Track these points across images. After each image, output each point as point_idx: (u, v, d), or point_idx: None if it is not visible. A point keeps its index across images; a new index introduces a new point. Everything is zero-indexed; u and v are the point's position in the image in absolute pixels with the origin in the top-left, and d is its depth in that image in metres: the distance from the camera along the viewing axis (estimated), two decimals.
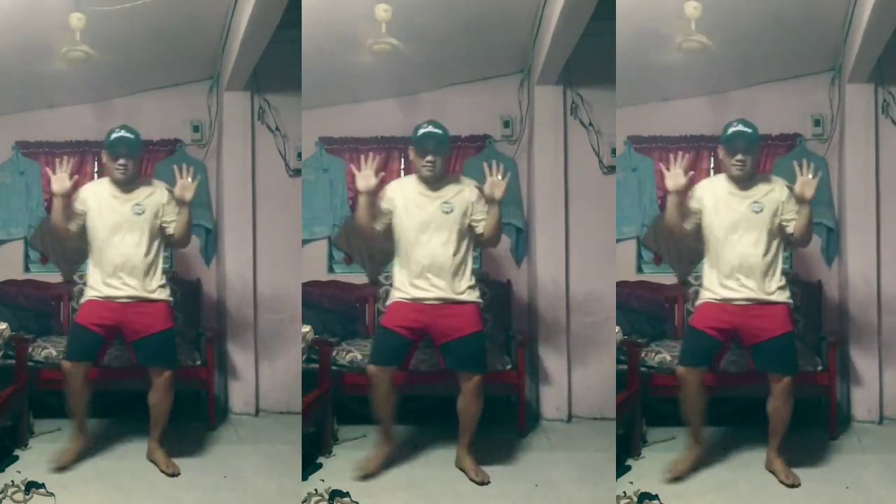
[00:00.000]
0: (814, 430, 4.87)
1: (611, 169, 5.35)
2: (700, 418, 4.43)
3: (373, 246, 5.20)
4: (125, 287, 4.45)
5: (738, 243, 4.29)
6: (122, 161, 4.43)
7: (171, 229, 4.52)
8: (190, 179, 4.45)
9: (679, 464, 4.42)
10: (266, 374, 5.51)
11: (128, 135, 4.48)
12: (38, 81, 5.32)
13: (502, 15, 5.07)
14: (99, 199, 4.49)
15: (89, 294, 4.52)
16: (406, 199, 4.43)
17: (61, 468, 4.46)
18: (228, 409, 5.45)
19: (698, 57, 4.83)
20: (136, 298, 4.46)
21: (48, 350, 5.10)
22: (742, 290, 4.30)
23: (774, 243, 4.33)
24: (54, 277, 5.59)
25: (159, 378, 4.49)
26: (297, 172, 5.45)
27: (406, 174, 5.57)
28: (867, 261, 5.26)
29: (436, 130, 4.42)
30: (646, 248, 5.58)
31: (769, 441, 4.42)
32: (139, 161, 4.56)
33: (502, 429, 4.99)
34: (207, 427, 5.13)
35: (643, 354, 4.92)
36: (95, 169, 5.62)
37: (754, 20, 4.88)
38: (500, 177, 4.39)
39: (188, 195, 4.45)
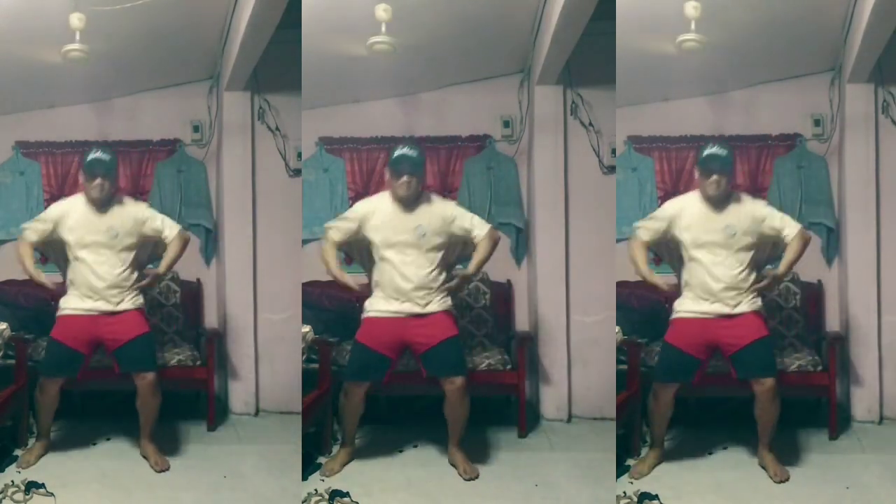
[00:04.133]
0: (814, 430, 4.87)
1: (611, 169, 5.34)
2: (665, 426, 4.56)
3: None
4: (95, 303, 4.52)
5: (710, 264, 4.36)
6: (98, 181, 4.50)
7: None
8: None
9: (641, 466, 4.52)
10: (266, 374, 5.51)
11: (104, 156, 4.55)
12: (38, 81, 5.32)
13: (502, 15, 5.07)
14: (74, 218, 4.55)
15: (63, 308, 4.58)
16: (382, 220, 4.48)
17: (27, 467, 4.53)
18: (228, 409, 5.45)
19: (698, 57, 4.82)
20: (105, 312, 4.53)
21: None
22: (713, 306, 4.37)
23: (747, 263, 4.38)
24: (54, 277, 5.58)
25: (143, 382, 4.54)
26: (297, 172, 5.45)
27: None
28: (867, 261, 5.25)
29: (410, 153, 4.46)
30: None
31: (759, 439, 4.48)
32: (115, 181, 4.62)
33: (502, 429, 4.99)
34: (207, 427, 5.13)
35: (643, 354, 4.92)
36: None
37: (754, 20, 4.88)
38: None
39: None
